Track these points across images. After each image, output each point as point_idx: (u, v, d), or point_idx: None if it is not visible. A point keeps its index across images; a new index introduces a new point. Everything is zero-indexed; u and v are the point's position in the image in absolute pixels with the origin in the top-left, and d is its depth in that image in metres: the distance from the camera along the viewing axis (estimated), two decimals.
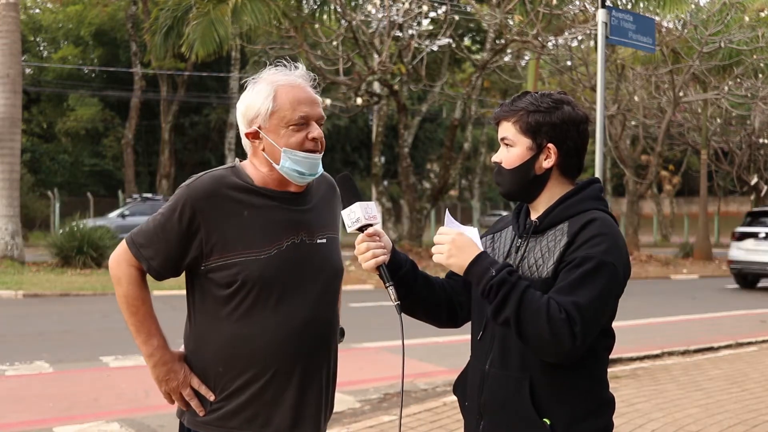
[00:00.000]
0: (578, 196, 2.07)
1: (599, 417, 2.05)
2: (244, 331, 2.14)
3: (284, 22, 18.08)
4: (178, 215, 2.12)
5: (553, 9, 16.66)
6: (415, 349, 8.09)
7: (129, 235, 2.23)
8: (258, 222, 2.16)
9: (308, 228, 2.22)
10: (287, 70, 2.23)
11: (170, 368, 2.19)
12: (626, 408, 5.85)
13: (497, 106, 2.17)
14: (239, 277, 2.11)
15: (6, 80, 16.36)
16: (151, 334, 2.20)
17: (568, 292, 1.90)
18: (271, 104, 2.16)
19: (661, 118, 24.04)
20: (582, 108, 2.12)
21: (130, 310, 2.20)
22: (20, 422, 5.54)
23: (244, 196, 2.17)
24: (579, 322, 1.86)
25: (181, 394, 2.20)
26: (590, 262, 1.92)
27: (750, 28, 19.40)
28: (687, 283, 18.90)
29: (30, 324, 10.26)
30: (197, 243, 2.13)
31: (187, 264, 2.16)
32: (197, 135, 37.18)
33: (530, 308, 1.88)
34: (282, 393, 2.16)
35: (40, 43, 39.02)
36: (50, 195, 27.73)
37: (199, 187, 2.15)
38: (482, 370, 2.11)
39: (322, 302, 2.23)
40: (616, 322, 2.11)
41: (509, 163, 2.09)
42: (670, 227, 42.15)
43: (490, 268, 1.94)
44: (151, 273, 2.19)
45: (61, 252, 16.42)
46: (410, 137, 25.11)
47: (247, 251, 2.12)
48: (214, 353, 2.17)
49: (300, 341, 2.17)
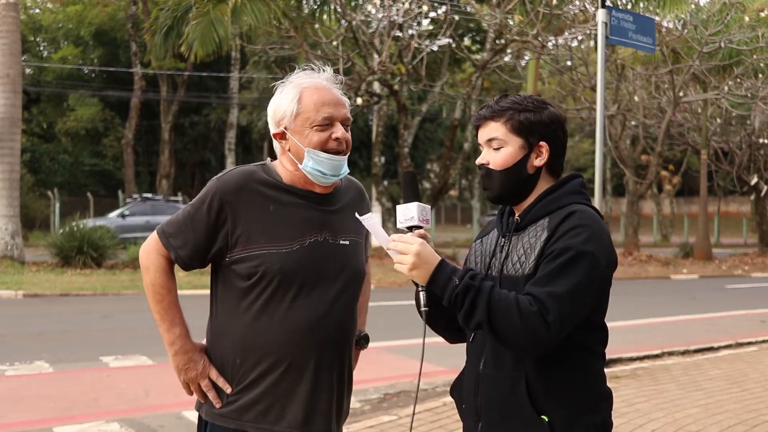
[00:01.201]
0: (558, 192, 2.08)
1: (597, 411, 2.05)
2: (261, 323, 2.21)
3: (284, 22, 18.09)
4: (207, 207, 2.21)
5: (553, 9, 16.66)
6: (415, 349, 8.09)
7: (160, 225, 2.31)
8: (283, 217, 2.23)
9: (332, 228, 2.28)
10: (315, 72, 2.30)
11: (190, 358, 2.26)
12: (626, 408, 5.85)
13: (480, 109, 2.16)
14: (260, 269, 2.18)
15: (6, 80, 16.36)
16: (174, 323, 2.27)
17: (544, 283, 1.91)
18: (296, 106, 2.23)
19: (661, 118, 24.04)
20: (558, 109, 2.15)
21: (156, 298, 2.27)
22: (20, 422, 5.54)
23: (272, 191, 2.24)
24: (552, 311, 1.86)
25: (199, 384, 2.26)
26: (568, 253, 1.92)
27: (750, 28, 19.40)
28: (687, 283, 18.90)
29: (30, 324, 10.26)
30: (223, 234, 2.21)
31: (213, 255, 2.24)
32: (197, 135, 37.19)
33: (500, 308, 1.88)
34: (295, 387, 2.22)
35: (40, 43, 39.03)
36: (50, 195, 27.73)
37: (229, 181, 2.23)
38: (476, 372, 2.11)
39: (339, 302, 2.27)
40: (616, 322, 2.11)
41: (500, 164, 2.07)
42: (670, 227, 42.12)
43: (453, 276, 1.93)
44: (179, 262, 2.27)
45: (61, 252, 16.41)
46: (410, 137, 25.14)
47: (269, 244, 2.20)
48: (231, 344, 2.24)
49: (313, 337, 2.23)
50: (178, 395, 6.39)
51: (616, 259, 2.04)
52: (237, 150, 33.65)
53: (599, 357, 2.09)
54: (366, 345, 2.51)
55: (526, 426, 1.99)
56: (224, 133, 33.76)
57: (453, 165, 23.20)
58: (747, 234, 39.73)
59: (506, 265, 2.05)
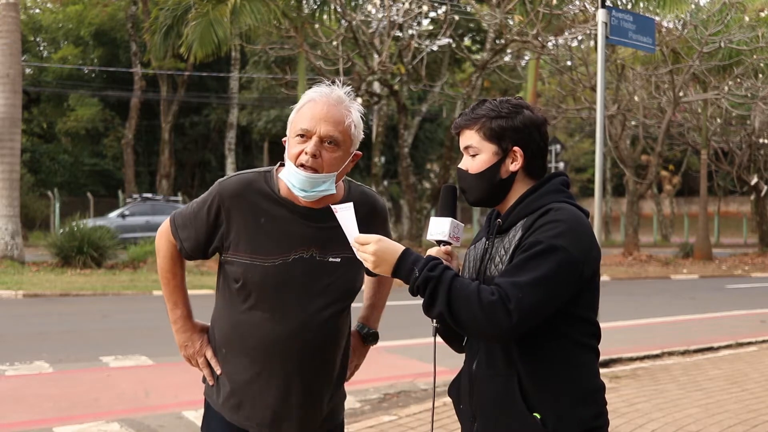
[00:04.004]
0: (537, 193, 2.10)
1: (589, 405, 2.05)
2: (243, 325, 2.30)
3: (284, 22, 18.09)
4: (207, 207, 2.31)
5: (553, 9, 16.68)
6: (415, 349, 8.10)
7: (174, 213, 2.43)
8: (271, 231, 2.26)
9: (322, 245, 2.28)
10: (329, 87, 2.29)
11: (189, 337, 2.44)
12: (626, 408, 5.85)
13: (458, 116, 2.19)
14: (242, 278, 2.26)
15: (6, 80, 16.36)
16: (177, 305, 2.45)
17: (510, 274, 1.94)
18: (294, 115, 2.29)
19: (661, 118, 24.04)
20: (540, 111, 2.17)
21: (163, 281, 2.46)
22: (20, 422, 5.53)
23: (266, 203, 2.28)
24: (513, 299, 1.88)
25: (197, 360, 2.43)
26: (538, 246, 1.94)
27: (750, 28, 19.39)
28: (687, 283, 18.89)
29: (30, 324, 10.26)
30: (219, 235, 2.31)
31: (213, 250, 2.36)
32: (197, 135, 37.17)
33: (460, 297, 1.91)
34: (263, 392, 2.30)
35: (40, 43, 39.00)
36: (50, 195, 27.73)
37: (228, 187, 2.30)
38: (470, 372, 2.14)
39: (318, 318, 2.28)
40: (617, 322, 2.12)
41: (475, 170, 2.12)
42: (670, 227, 42.12)
43: (414, 267, 1.97)
44: (183, 253, 2.39)
45: (61, 252, 16.42)
46: (410, 137, 25.15)
47: (253, 255, 2.25)
48: (220, 335, 2.37)
49: (286, 349, 2.27)
50: (178, 395, 6.40)
51: (597, 255, 2.04)
52: (237, 150, 33.61)
53: (590, 351, 2.09)
54: (373, 341, 2.62)
55: (520, 424, 2.01)
56: (224, 133, 33.72)
57: (453, 165, 23.19)
58: (747, 234, 39.76)
59: (489, 267, 2.09)
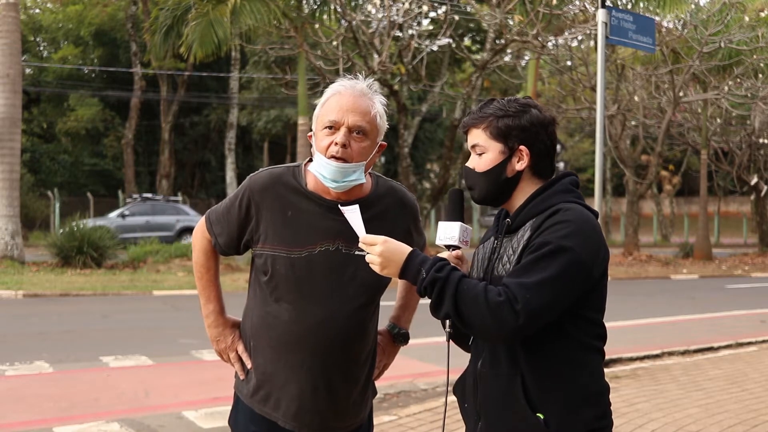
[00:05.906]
0: (546, 192, 2.10)
1: (593, 406, 2.05)
2: (270, 317, 2.35)
3: (284, 22, 18.07)
4: (239, 202, 2.36)
5: (553, 9, 16.66)
6: (415, 349, 8.07)
7: (209, 210, 2.48)
8: (298, 224, 2.31)
9: (348, 238, 2.28)
10: (352, 80, 2.35)
11: (221, 332, 2.47)
12: (626, 408, 5.85)
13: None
14: (270, 269, 2.31)
15: (6, 80, 16.35)
16: (209, 300, 2.49)
17: (518, 275, 1.94)
18: (319, 109, 2.33)
19: (661, 118, 24.03)
20: (548, 111, 2.16)
21: (197, 275, 2.51)
22: (20, 422, 5.53)
23: (293, 197, 2.33)
24: (521, 300, 1.88)
25: (229, 355, 2.46)
26: (546, 246, 1.95)
27: (750, 28, 19.39)
28: (687, 283, 18.89)
29: (30, 324, 10.26)
30: (250, 229, 2.36)
31: (244, 245, 2.40)
32: (197, 135, 37.16)
33: (467, 298, 1.92)
34: (288, 383, 2.33)
35: (40, 43, 39.00)
36: (50, 195, 27.72)
37: (258, 181, 2.36)
38: (475, 371, 2.14)
39: (344, 311, 2.32)
40: (616, 322, 2.12)
41: (482, 169, 2.12)
42: (670, 227, 42.08)
43: (421, 268, 1.98)
44: (217, 248, 2.45)
45: (61, 252, 16.41)
46: (410, 137, 25.14)
47: (279, 247, 2.30)
48: (249, 327, 2.42)
49: (310, 341, 2.31)
50: (178, 395, 6.40)
51: (605, 257, 2.04)
52: (237, 150, 33.58)
53: (595, 352, 2.09)
54: (403, 342, 2.64)
55: (523, 424, 2.01)
56: (224, 133, 33.69)
57: (453, 165, 23.20)
58: (747, 234, 39.74)
59: (497, 267, 2.09)
